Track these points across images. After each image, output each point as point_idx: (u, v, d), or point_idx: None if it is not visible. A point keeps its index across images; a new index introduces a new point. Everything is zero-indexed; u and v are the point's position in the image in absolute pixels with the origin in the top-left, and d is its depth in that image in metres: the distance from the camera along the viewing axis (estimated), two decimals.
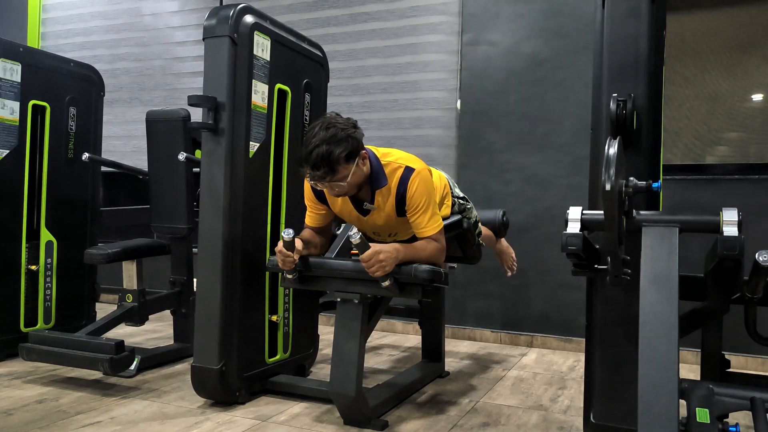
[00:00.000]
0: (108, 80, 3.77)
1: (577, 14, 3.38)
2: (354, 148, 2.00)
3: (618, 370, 1.82)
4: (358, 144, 2.02)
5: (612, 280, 1.62)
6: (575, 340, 3.34)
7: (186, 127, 2.80)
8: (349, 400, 2.03)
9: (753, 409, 1.47)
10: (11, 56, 2.88)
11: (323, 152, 1.94)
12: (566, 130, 3.40)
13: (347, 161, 1.98)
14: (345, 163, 1.98)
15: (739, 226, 1.52)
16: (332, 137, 1.95)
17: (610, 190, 1.38)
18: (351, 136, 1.99)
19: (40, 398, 2.32)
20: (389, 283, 1.97)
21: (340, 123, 2.01)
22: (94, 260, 2.74)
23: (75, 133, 3.21)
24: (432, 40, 3.73)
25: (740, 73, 3.20)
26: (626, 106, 1.76)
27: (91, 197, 3.31)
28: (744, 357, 3.01)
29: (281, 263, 2.08)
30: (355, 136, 2.01)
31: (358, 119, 2.15)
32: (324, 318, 3.66)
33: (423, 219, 2.09)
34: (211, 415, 2.16)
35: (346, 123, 2.02)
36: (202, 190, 2.26)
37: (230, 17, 2.18)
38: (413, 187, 2.07)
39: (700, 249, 1.90)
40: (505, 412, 2.29)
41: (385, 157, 2.13)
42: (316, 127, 2.00)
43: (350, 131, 2.00)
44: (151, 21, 4.57)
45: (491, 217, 2.85)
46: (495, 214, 2.87)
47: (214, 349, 2.19)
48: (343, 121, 2.03)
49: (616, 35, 1.84)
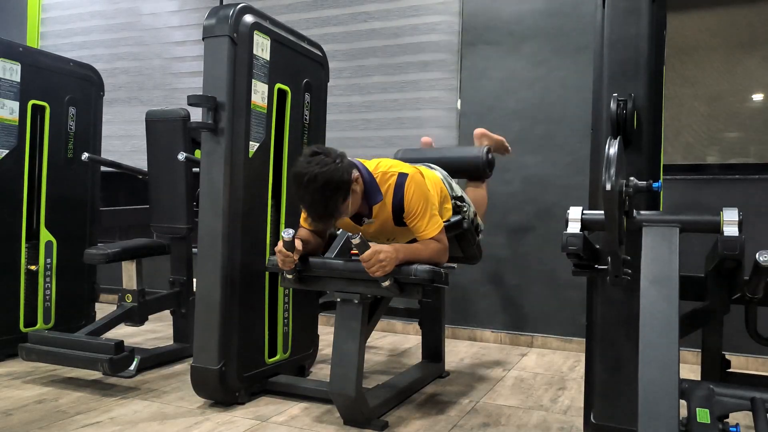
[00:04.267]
0: (107, 80, 3.77)
1: (577, 14, 3.38)
2: (346, 186, 1.94)
3: (618, 370, 1.82)
4: (348, 178, 1.95)
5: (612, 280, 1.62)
6: (575, 340, 3.34)
7: (186, 127, 2.79)
8: (349, 400, 2.03)
9: (753, 410, 1.47)
10: (11, 56, 2.87)
11: (320, 211, 1.94)
12: (566, 130, 3.40)
13: (344, 201, 1.96)
14: (342, 203, 1.96)
15: (739, 226, 1.52)
16: (324, 187, 1.89)
17: (610, 190, 1.38)
18: (341, 179, 1.92)
19: (40, 398, 2.31)
20: (389, 283, 1.97)
21: (326, 167, 1.90)
22: (94, 260, 2.74)
23: (74, 133, 3.21)
24: (432, 39, 3.73)
25: (740, 73, 3.20)
26: (626, 106, 1.75)
27: (91, 197, 3.31)
28: (744, 357, 3.00)
29: (281, 263, 2.08)
30: (344, 173, 1.93)
31: (358, 119, 2.14)
32: (324, 318, 3.66)
33: (422, 223, 2.09)
34: (211, 416, 2.16)
35: (332, 162, 1.92)
36: (201, 190, 2.26)
37: (230, 17, 2.18)
38: (409, 193, 2.07)
39: (701, 249, 1.90)
40: (505, 413, 2.28)
41: (376, 169, 2.12)
42: (304, 178, 1.90)
43: (339, 173, 1.91)
44: (151, 20, 4.57)
45: (474, 155, 2.66)
46: (479, 152, 2.67)
47: (213, 350, 2.19)
48: (329, 161, 1.92)
49: (616, 35, 1.83)
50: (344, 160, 1.97)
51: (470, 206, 2.51)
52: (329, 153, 1.96)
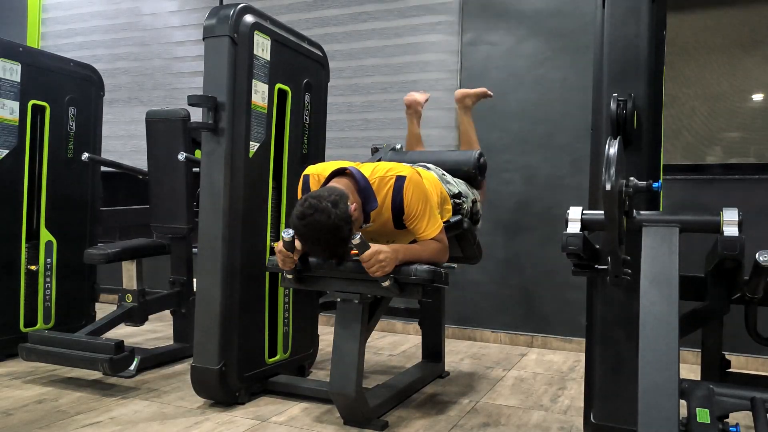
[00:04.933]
0: (108, 80, 3.77)
1: (577, 14, 3.38)
2: (347, 229, 1.91)
3: (618, 370, 1.82)
4: (348, 225, 1.91)
5: (612, 280, 1.62)
6: (575, 340, 3.34)
7: (186, 127, 2.79)
8: (349, 400, 2.03)
9: (753, 409, 1.47)
10: (11, 56, 2.87)
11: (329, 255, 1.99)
12: (566, 130, 3.40)
13: (349, 236, 1.93)
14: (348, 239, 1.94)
15: (739, 226, 1.52)
16: (329, 240, 1.90)
17: (610, 190, 1.38)
18: (341, 228, 1.89)
19: (40, 398, 2.31)
20: (389, 283, 1.97)
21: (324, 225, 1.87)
22: (94, 260, 2.74)
23: (75, 132, 3.21)
24: (432, 40, 3.73)
25: (740, 73, 3.20)
26: (626, 106, 1.75)
27: (91, 197, 3.31)
28: (744, 357, 3.00)
29: (281, 263, 2.08)
30: (342, 221, 1.88)
31: (358, 119, 2.14)
32: (324, 318, 3.66)
33: (422, 224, 2.09)
34: (211, 416, 2.16)
35: (327, 218, 1.87)
36: (202, 190, 2.26)
37: (230, 17, 2.18)
38: (408, 195, 2.06)
39: (701, 249, 1.90)
40: (505, 413, 2.28)
41: (373, 174, 2.10)
42: (307, 234, 1.90)
43: (338, 226, 1.88)
44: (151, 21, 4.57)
45: (464, 159, 2.62)
46: (470, 157, 2.62)
47: (213, 350, 2.19)
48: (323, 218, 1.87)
49: (616, 35, 1.84)
50: (338, 207, 1.89)
51: (468, 197, 2.49)
52: (321, 209, 1.88)
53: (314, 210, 1.88)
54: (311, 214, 1.88)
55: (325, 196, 1.91)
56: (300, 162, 2.55)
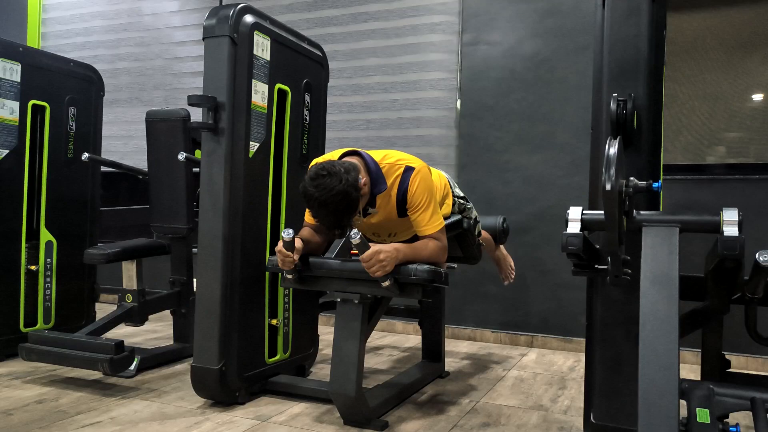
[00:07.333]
0: (108, 80, 3.77)
1: (577, 14, 3.38)
2: (356, 202, 1.93)
3: (618, 370, 1.82)
4: (357, 194, 1.93)
5: (612, 280, 1.62)
6: (575, 340, 3.34)
7: (186, 127, 2.80)
8: (349, 400, 2.03)
9: (753, 409, 1.47)
10: (11, 56, 2.88)
11: (334, 226, 1.98)
12: (566, 130, 3.40)
13: (356, 211, 1.97)
14: (354, 214, 1.98)
15: (739, 226, 1.52)
16: (336, 210, 1.91)
17: (610, 190, 1.38)
18: (350, 197, 1.90)
19: (40, 398, 2.31)
20: (389, 283, 1.97)
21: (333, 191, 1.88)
22: (94, 260, 2.74)
23: (75, 133, 3.21)
24: (432, 40, 3.73)
25: (740, 73, 3.20)
26: (626, 106, 1.75)
27: (91, 197, 3.31)
28: (744, 357, 3.00)
29: (281, 263, 2.08)
30: (352, 190, 1.91)
31: (358, 119, 2.14)
32: (324, 318, 3.66)
33: (424, 217, 2.09)
34: (211, 416, 2.16)
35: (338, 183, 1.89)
36: (202, 190, 2.26)
37: (230, 17, 2.18)
38: (414, 186, 2.07)
39: (701, 249, 1.90)
40: (505, 413, 2.28)
41: (384, 160, 2.12)
42: (315, 202, 1.91)
43: (348, 194, 1.90)
44: (151, 21, 4.57)
45: (491, 224, 2.83)
46: (495, 221, 2.84)
47: (213, 350, 2.19)
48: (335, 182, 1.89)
49: (616, 35, 1.84)
50: (350, 174, 1.92)
51: (473, 210, 2.52)
52: (334, 172, 1.91)
53: (327, 173, 1.91)
54: (324, 176, 1.91)
55: (338, 163, 1.96)
56: (300, 162, 2.55)
